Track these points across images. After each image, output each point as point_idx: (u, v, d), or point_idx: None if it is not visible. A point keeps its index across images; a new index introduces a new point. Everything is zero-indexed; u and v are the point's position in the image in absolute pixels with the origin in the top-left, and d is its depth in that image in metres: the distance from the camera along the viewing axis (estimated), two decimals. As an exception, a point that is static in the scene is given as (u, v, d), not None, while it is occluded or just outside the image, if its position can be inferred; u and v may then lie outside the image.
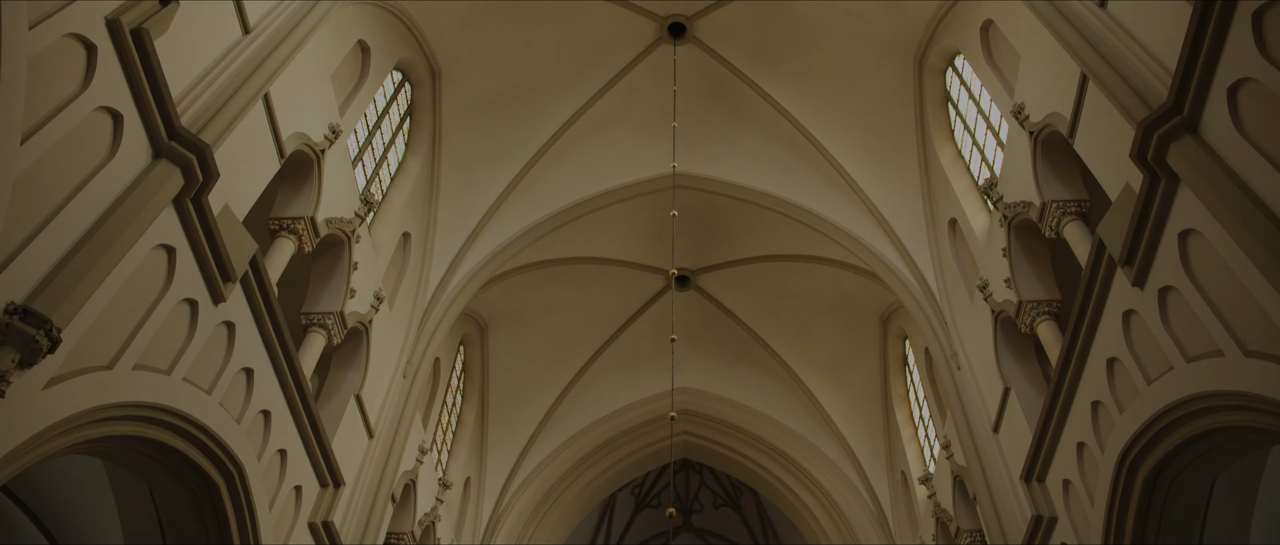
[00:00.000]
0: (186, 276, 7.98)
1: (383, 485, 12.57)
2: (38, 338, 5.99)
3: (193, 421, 8.18)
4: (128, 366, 7.22)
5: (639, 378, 19.71)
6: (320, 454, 10.81)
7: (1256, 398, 6.64)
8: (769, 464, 19.03)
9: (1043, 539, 10.36)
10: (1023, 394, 11.50)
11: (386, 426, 13.14)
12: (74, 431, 6.70)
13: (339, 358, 12.54)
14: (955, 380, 13.39)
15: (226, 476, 8.82)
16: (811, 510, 18.27)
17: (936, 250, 14.61)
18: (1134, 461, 8.36)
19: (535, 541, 18.19)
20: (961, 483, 13.40)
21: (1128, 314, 8.42)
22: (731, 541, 25.22)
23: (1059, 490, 10.11)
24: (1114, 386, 8.79)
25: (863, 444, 18.26)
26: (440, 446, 16.86)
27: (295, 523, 10.38)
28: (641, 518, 24.91)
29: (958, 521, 13.53)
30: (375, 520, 12.16)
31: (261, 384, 9.46)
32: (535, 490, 18.69)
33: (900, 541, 16.86)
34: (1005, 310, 11.65)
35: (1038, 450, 10.43)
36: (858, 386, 18.42)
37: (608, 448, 19.45)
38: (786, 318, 18.57)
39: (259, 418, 9.52)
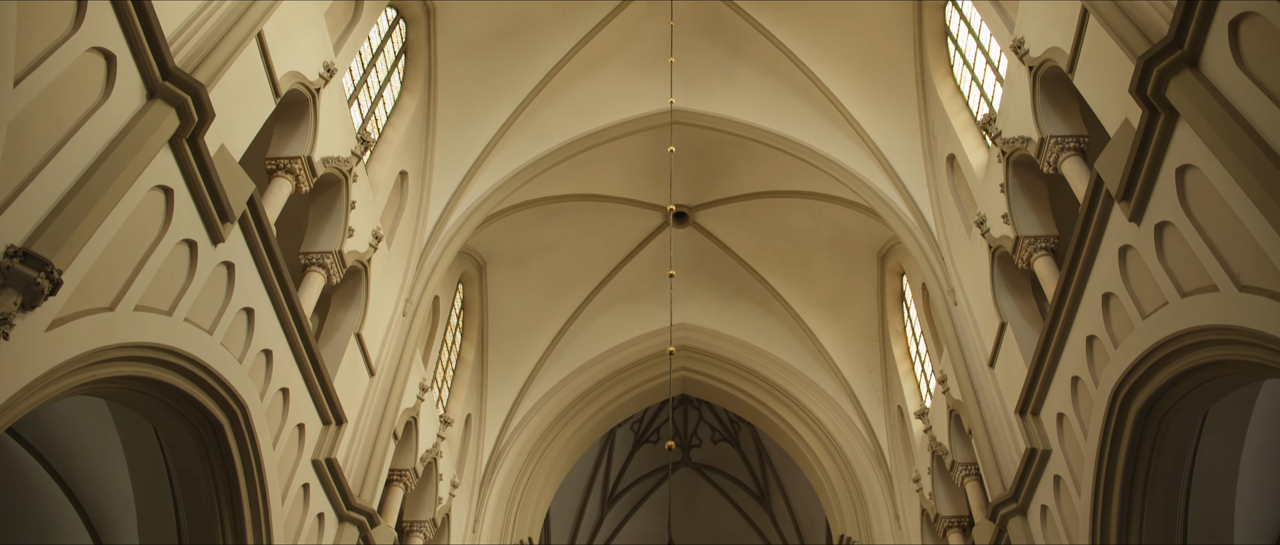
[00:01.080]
0: (185, 217, 7.99)
1: (384, 423, 12.70)
2: (39, 280, 6.01)
3: (195, 361, 8.25)
4: (129, 308, 7.26)
5: (637, 314, 19.80)
6: (322, 392, 10.91)
7: (1250, 332, 6.69)
8: (767, 399, 19.18)
9: (1036, 471, 10.51)
10: (1019, 329, 11.58)
11: (387, 365, 13.24)
12: (78, 373, 6.76)
13: (338, 297, 12.59)
14: (952, 315, 13.47)
15: (230, 415, 8.92)
16: (809, 444, 18.46)
17: (934, 186, 14.61)
18: (1127, 395, 8.45)
19: (536, 477, 18.41)
20: (957, 417, 13.54)
21: (1124, 249, 8.45)
22: (730, 476, 25.52)
23: (1053, 424, 10.23)
24: (1109, 321, 8.85)
25: (860, 379, 18.41)
26: (441, 384, 17.00)
27: (299, 460, 10.51)
28: (641, 453, 25.20)
29: (953, 455, 13.70)
30: (377, 457, 12.31)
31: (262, 323, 9.51)
32: (535, 426, 18.88)
33: (896, 475, 17.09)
34: (1002, 246, 11.69)
35: (1033, 384, 10.53)
36: (855, 322, 18.52)
37: (607, 384, 19.59)
38: (784, 254, 18.60)
39: (261, 357, 9.60)
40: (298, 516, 10.42)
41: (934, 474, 14.79)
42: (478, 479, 17.83)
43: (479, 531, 17.31)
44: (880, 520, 17.02)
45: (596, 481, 25.13)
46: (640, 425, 24.77)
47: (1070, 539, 9.78)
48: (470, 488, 17.52)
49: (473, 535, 17.16)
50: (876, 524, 16.99)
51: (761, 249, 18.74)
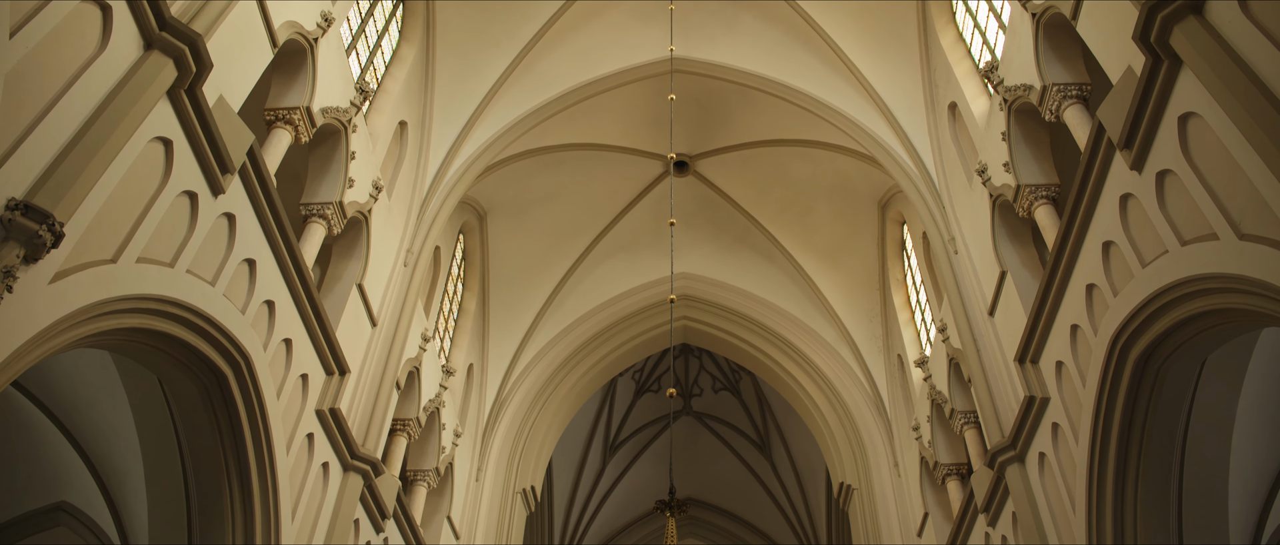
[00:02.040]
0: (185, 169, 7.98)
1: (387, 373, 12.78)
2: (41, 232, 6.02)
3: (198, 313, 8.28)
4: (131, 260, 7.28)
5: (638, 264, 19.83)
6: (325, 342, 10.97)
7: (1249, 281, 6.71)
8: (767, 348, 19.27)
9: (1035, 419, 10.59)
10: (1019, 277, 11.60)
11: (389, 315, 13.30)
12: (81, 325, 6.79)
13: (339, 248, 12.60)
14: (952, 264, 13.49)
15: (234, 366, 8.97)
16: (809, 393, 18.58)
17: (936, 134, 14.55)
18: (1126, 343, 8.49)
19: (538, 426, 18.55)
20: (957, 365, 13.61)
21: (1125, 198, 8.44)
22: (730, 424, 25.70)
23: (1052, 372, 10.29)
24: (1109, 270, 8.87)
25: (860, 328, 18.48)
26: (442, 334, 17.07)
27: (303, 410, 10.59)
28: (642, 402, 25.35)
29: (952, 403, 13.79)
30: (381, 407, 12.41)
31: (264, 275, 9.54)
32: (537, 376, 18.98)
33: (896, 423, 17.22)
34: (1003, 194, 11.67)
35: (1032, 333, 10.58)
36: (855, 271, 18.55)
37: (608, 334, 19.67)
38: (785, 203, 18.58)
39: (263, 308, 9.63)
40: (303, 466, 10.53)
41: (933, 422, 14.90)
42: (480, 428, 17.97)
43: (482, 481, 17.48)
44: (880, 468, 17.17)
45: (598, 431, 25.32)
46: (641, 375, 24.90)
47: (1067, 486, 9.89)
48: (473, 437, 17.66)
49: (476, 484, 17.34)
50: (876, 472, 17.15)
51: (762, 198, 18.72)
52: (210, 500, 9.30)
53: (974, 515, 12.64)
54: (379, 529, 12.41)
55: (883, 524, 16.47)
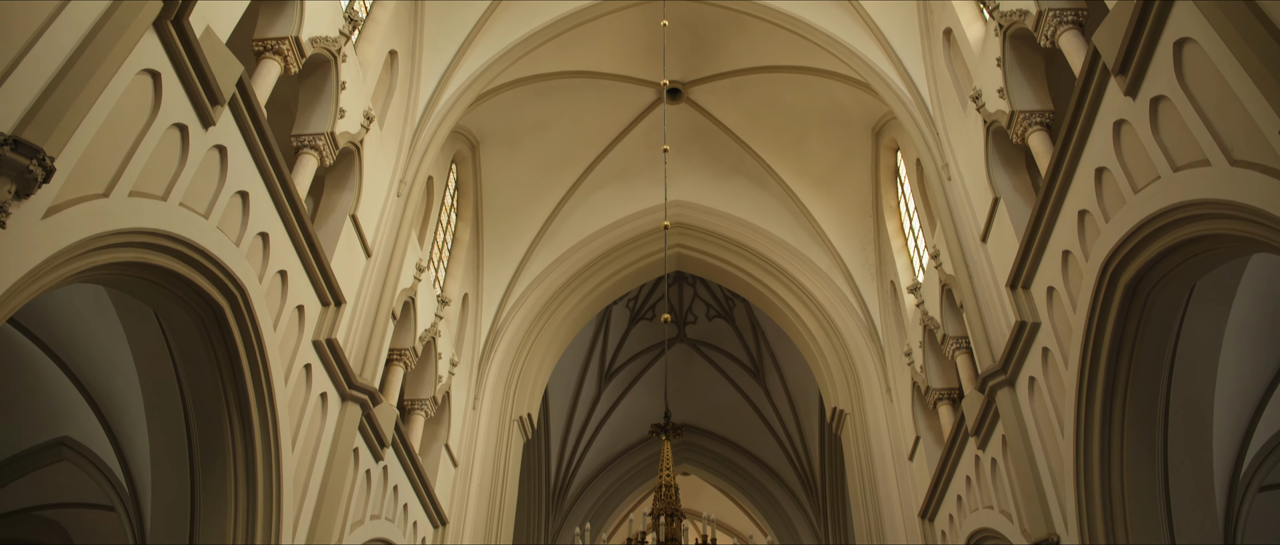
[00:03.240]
0: (174, 101, 7.91)
1: (382, 303, 12.84)
2: (31, 167, 6.00)
3: (192, 246, 8.28)
4: (123, 194, 7.26)
5: (632, 192, 19.80)
6: (320, 274, 11.00)
7: (1239, 206, 6.73)
8: (761, 275, 19.33)
9: (1026, 344, 10.70)
10: (1011, 204, 11.63)
11: (383, 245, 13.31)
12: (76, 260, 6.80)
13: (332, 179, 12.57)
14: (946, 191, 13.50)
15: (230, 298, 9.00)
16: (802, 319, 18.70)
17: (930, 61, 14.45)
18: (1116, 268, 8.55)
19: (534, 354, 18.68)
20: (949, 291, 13.71)
21: (1118, 124, 8.43)
22: (725, 351, 25.89)
23: (1043, 297, 10.37)
24: (1101, 196, 8.89)
25: (853, 254, 18.54)
26: (437, 264, 17.11)
27: (300, 341, 10.65)
28: (636, 330, 25.50)
29: (944, 329, 13.91)
30: (377, 337, 12.48)
31: (257, 207, 9.52)
32: (532, 304, 19.06)
33: (888, 349, 17.37)
34: (997, 121, 11.64)
35: (1024, 259, 10.64)
36: (849, 198, 18.55)
37: (602, 262, 19.70)
38: (779, 130, 18.50)
39: (257, 240, 9.64)
40: (301, 396, 10.63)
41: (925, 347, 15.04)
42: (476, 357, 18.11)
43: (479, 409, 17.66)
44: (872, 393, 17.37)
45: (593, 359, 25.51)
46: (636, 303, 25.01)
47: (1057, 409, 10.03)
48: (469, 366, 17.80)
49: (473, 412, 17.52)
50: (868, 397, 17.35)
51: (756, 125, 18.62)
52: (210, 431, 9.40)
53: (965, 438, 12.84)
54: (378, 457, 12.57)
55: (875, 448, 16.71)
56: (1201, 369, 8.69)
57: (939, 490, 13.99)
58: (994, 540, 11.91)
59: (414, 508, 14.13)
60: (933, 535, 14.42)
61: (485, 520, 16.37)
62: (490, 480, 16.88)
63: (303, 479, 10.55)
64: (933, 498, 14.25)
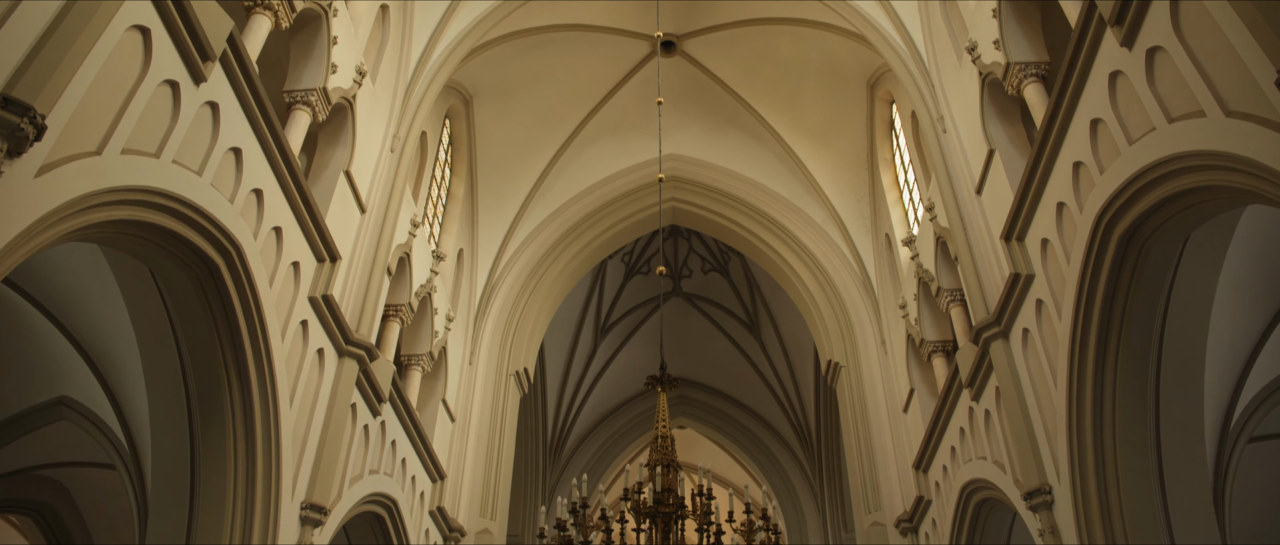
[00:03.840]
0: (164, 58, 7.85)
1: (378, 258, 12.84)
2: (22, 125, 5.96)
3: (186, 203, 8.25)
4: (116, 151, 7.22)
5: (626, 146, 19.73)
6: (315, 230, 10.98)
7: (1234, 158, 6.73)
8: (756, 228, 19.34)
9: (1020, 296, 10.75)
10: (1006, 156, 11.61)
11: (377, 201, 13.28)
12: (70, 219, 6.77)
13: (325, 135, 12.51)
14: (940, 143, 13.47)
15: (225, 255, 8.99)
16: (797, 272, 18.74)
17: (925, 12, 14.34)
18: (1110, 220, 8.56)
19: (529, 309, 18.73)
20: (944, 243, 13.73)
21: (1114, 75, 8.40)
22: (720, 305, 25.95)
23: (1037, 249, 10.40)
24: (1096, 147, 8.88)
25: (848, 208, 18.54)
26: (432, 219, 17.09)
27: (296, 297, 10.67)
28: (632, 284, 25.53)
29: (939, 281, 13.96)
30: (373, 293, 12.50)
31: (250, 163, 9.48)
32: (527, 259, 19.08)
33: (883, 301, 17.43)
34: (993, 72, 11.59)
35: (1018, 211, 10.65)
36: (844, 151, 18.51)
37: (596, 216, 19.69)
38: (773, 83, 18.41)
39: (251, 197, 9.61)
40: (298, 352, 10.67)
41: (920, 300, 15.10)
42: (472, 312, 18.15)
43: (475, 364, 17.74)
44: (867, 346, 17.47)
45: (589, 313, 25.56)
46: (631, 257, 25.02)
47: (1050, 360, 10.10)
48: (465, 321, 17.85)
49: (469, 367, 17.60)
50: (863, 349, 17.45)
51: (750, 78, 18.53)
52: (208, 389, 9.44)
53: (959, 390, 12.93)
54: (376, 413, 12.65)
55: (870, 400, 16.84)
56: (1194, 321, 8.74)
57: (933, 442, 14.12)
58: (987, 490, 12.05)
59: (412, 462, 14.24)
60: (927, 486, 14.58)
61: (483, 474, 16.52)
62: (487, 434, 17.00)
63: (301, 434, 10.62)
64: (927, 449, 14.38)
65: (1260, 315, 10.04)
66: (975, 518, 12.72)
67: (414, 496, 14.31)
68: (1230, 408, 10.27)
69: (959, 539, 13.03)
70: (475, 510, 16.12)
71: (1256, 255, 9.36)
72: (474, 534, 15.85)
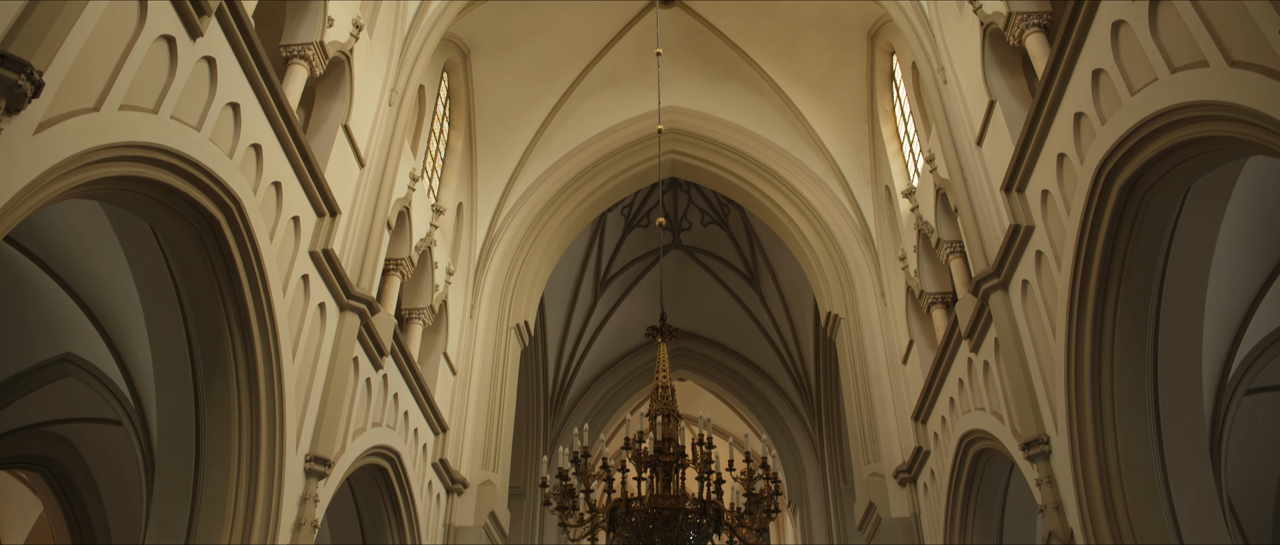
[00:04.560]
0: (160, 13, 7.79)
1: (378, 212, 12.83)
2: (20, 82, 5.94)
3: (185, 158, 8.24)
4: (114, 107, 7.19)
5: (624, 99, 19.63)
6: (314, 184, 10.97)
7: (1237, 108, 6.71)
8: (755, 180, 19.29)
9: (1019, 247, 10.76)
10: (1007, 106, 11.56)
11: (376, 155, 13.25)
12: (70, 175, 6.77)
13: (322, 89, 12.45)
14: (941, 94, 13.41)
15: (225, 211, 8.99)
16: (797, 224, 18.73)
17: (928, -40, 14.20)
18: (1112, 171, 8.54)
19: (529, 262, 18.74)
20: (944, 195, 13.71)
21: (1117, 24, 8.34)
22: (719, 257, 25.97)
23: (1037, 200, 10.39)
24: (1098, 98, 8.84)
25: (848, 159, 18.49)
26: (431, 173, 17.05)
27: (297, 252, 10.68)
28: (631, 237, 25.52)
29: (938, 233, 13.96)
30: (373, 247, 12.51)
31: (248, 118, 9.45)
32: (526, 213, 19.06)
33: (883, 254, 17.45)
34: (994, 22, 11.51)
35: (1019, 162, 10.63)
36: (844, 102, 18.42)
37: (595, 169, 19.64)
38: (773, 34, 18.27)
39: (250, 152, 9.59)
40: (300, 307, 10.70)
41: (919, 252, 15.12)
42: (472, 266, 18.18)
43: (476, 317, 17.79)
44: (866, 298, 17.51)
45: (588, 267, 25.58)
46: (630, 210, 24.98)
47: (1049, 311, 10.14)
48: (465, 275, 17.88)
49: (470, 321, 17.66)
50: (863, 302, 17.49)
51: (749, 29, 18.38)
52: (212, 344, 9.48)
53: (958, 341, 12.99)
54: (377, 366, 12.72)
55: (869, 352, 16.92)
56: (1194, 272, 8.76)
57: (932, 393, 14.21)
58: (985, 441, 12.15)
59: (414, 415, 14.34)
60: (925, 437, 14.69)
61: (485, 426, 16.64)
62: (489, 387, 17.10)
63: (304, 388, 10.69)
64: (925, 400, 14.48)
65: (1260, 268, 10.06)
66: (973, 468, 12.83)
67: (417, 449, 14.43)
68: (1228, 359, 10.32)
69: (957, 489, 13.16)
70: (477, 462, 16.26)
71: (1258, 207, 9.35)
72: (476, 485, 16.01)
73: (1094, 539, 8.93)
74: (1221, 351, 10.23)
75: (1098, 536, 8.89)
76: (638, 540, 10.25)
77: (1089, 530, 9.01)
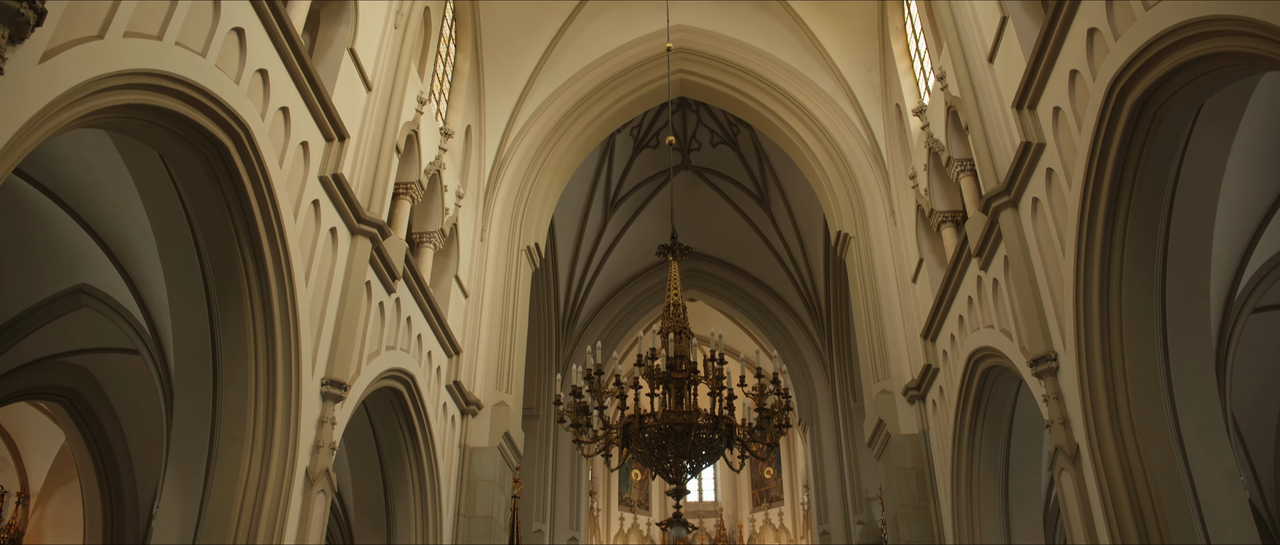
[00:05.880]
0: (161, -63, 7.71)
1: (386, 137, 12.81)
2: (22, 10, 5.90)
3: (192, 84, 8.22)
4: (118, 35, 7.16)
5: (633, 17, 19.40)
6: (321, 109, 10.94)
7: (1252, 22, 6.62)
8: (765, 100, 19.13)
9: (1030, 164, 10.71)
10: (1020, 23, 11.39)
11: (383, 79, 13.17)
12: (77, 104, 6.76)
13: (327, 13, 12.32)
14: (952, 10, 13.21)
15: (233, 137, 8.99)
16: (807, 144, 18.62)
17: None
18: (1124, 88, 8.46)
19: (539, 185, 18.72)
20: (955, 113, 13.60)
21: (1132, -62, 8.19)
22: (729, 178, 25.89)
23: (1049, 117, 10.31)
24: (1111, 13, 8.71)
25: (858, 78, 18.30)
26: (438, 97, 16.95)
27: (306, 177, 10.69)
28: (640, 158, 25.43)
29: (949, 151, 13.88)
30: (382, 171, 12.52)
31: (254, 43, 9.39)
32: (535, 135, 18.98)
33: (893, 172, 17.37)
34: (1008, -65, 11.29)
35: (1031, 79, 10.52)
36: (854, 20, 18.16)
37: (604, 89, 19.47)
38: (783, -51, 17.96)
39: (257, 77, 9.55)
40: (311, 232, 10.75)
41: (930, 170, 15.05)
42: (482, 189, 18.18)
43: (486, 240, 17.85)
44: (876, 217, 17.48)
45: (598, 188, 25.55)
46: (639, 131, 24.85)
47: (1059, 229, 10.13)
48: (475, 198, 17.89)
49: (480, 244, 17.72)
50: (872, 220, 17.47)
51: (759, -56, 18.06)
52: (225, 270, 9.56)
53: (967, 260, 13.01)
54: (390, 290, 12.82)
55: (878, 271, 16.95)
56: (1204, 190, 8.72)
57: (941, 311, 14.27)
58: (994, 358, 12.24)
59: (428, 338, 14.49)
60: (934, 355, 14.80)
61: (497, 348, 16.81)
62: (500, 309, 17.23)
63: (318, 313, 10.80)
64: (935, 318, 14.55)
65: (1271, 186, 10.01)
66: (982, 385, 12.95)
67: (431, 371, 14.61)
68: (1236, 278, 10.32)
69: (965, 406, 13.30)
70: (491, 384, 16.46)
71: (1270, 125, 9.27)
72: (490, 406, 16.23)
73: (1099, 454, 9.05)
74: (1230, 270, 10.24)
75: (1103, 451, 9.00)
76: (650, 455, 10.43)
77: (1094, 445, 9.12)
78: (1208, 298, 9.00)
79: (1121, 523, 8.67)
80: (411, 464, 13.91)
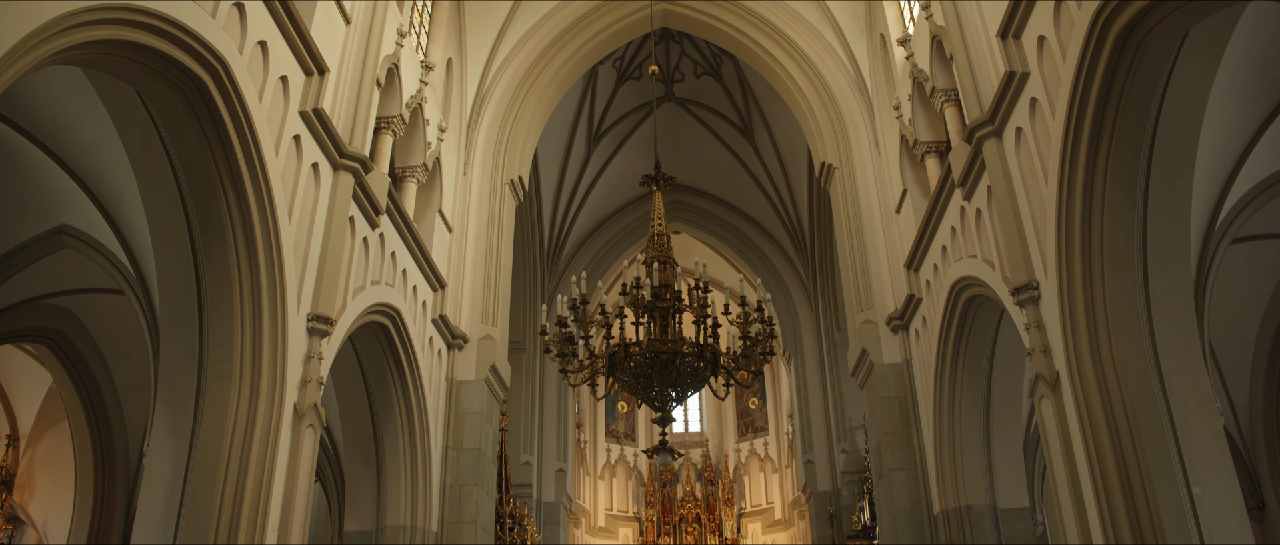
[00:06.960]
0: None
1: (366, 70, 12.67)
2: (-8, -55, 5.80)
3: (167, 19, 8.10)
4: (90, -32, 7.03)
5: (615, -54, 19.11)
6: (300, 42, 10.79)
7: (1238, -50, 6.59)
8: (749, 29, 18.94)
9: (1014, 94, 10.69)
10: (1006, -50, 11.29)
11: (362, 12, 12.98)
12: (50, 41, 6.65)
13: (303, -57, 12.09)
14: (939, -63, 13.06)
15: (211, 72, 8.88)
16: (791, 74, 18.50)
17: None
18: (1110, 15, 8.42)
19: (521, 117, 18.58)
20: (939, 42, 13.52)
21: None
22: (713, 109, 25.74)
23: (1033, 47, 10.27)
24: (1097, -59, 8.64)
25: (842, 7, 18.12)
26: (418, 29, 16.72)
27: (287, 112, 10.58)
28: (624, 90, 25.23)
29: (933, 81, 13.82)
30: (363, 105, 12.40)
31: (229, -24, 9.23)
32: (517, 67, 18.79)
33: (877, 102, 17.31)
34: None
35: (1016, 7, 10.46)
36: (840, -54, 17.93)
37: (586, 20, 19.23)
38: (767, -126, 17.65)
39: (233, 11, 9.41)
40: (293, 168, 10.68)
41: (914, 100, 15.01)
42: (464, 122, 18.03)
43: (470, 174, 17.76)
44: (860, 147, 17.46)
45: (581, 120, 25.38)
46: (622, 62, 24.62)
47: (1042, 159, 10.15)
48: (457, 132, 17.76)
49: (464, 178, 17.63)
50: (856, 151, 17.45)
51: None
52: (206, 207, 9.49)
53: (951, 189, 13.04)
54: (374, 225, 12.78)
55: (862, 201, 16.98)
56: (1187, 120, 8.73)
57: (924, 241, 14.34)
58: (976, 287, 12.34)
59: (413, 272, 14.48)
60: (918, 284, 14.89)
61: (482, 282, 16.83)
62: (485, 243, 17.22)
63: (302, 248, 10.77)
64: (918, 248, 14.62)
65: (1253, 116, 10.02)
66: (964, 314, 13.07)
67: (416, 306, 14.63)
68: (1217, 208, 10.38)
69: (948, 335, 13.43)
70: (477, 317, 16.51)
71: (1255, 54, 9.25)
72: (476, 340, 16.29)
73: (1079, 381, 9.18)
74: (1211, 200, 10.29)
75: (1082, 379, 9.14)
76: (636, 384, 10.53)
77: (1074, 373, 9.26)
78: (1188, 227, 9.07)
79: (1100, 449, 8.83)
80: (399, 398, 14.00)
